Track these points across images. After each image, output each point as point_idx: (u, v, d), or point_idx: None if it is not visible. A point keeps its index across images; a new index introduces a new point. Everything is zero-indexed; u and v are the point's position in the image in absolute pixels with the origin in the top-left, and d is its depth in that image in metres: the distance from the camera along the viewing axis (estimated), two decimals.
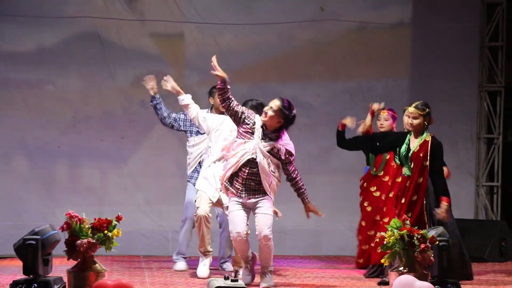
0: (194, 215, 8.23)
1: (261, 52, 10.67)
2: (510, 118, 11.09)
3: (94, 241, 6.52)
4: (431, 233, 6.87)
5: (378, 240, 6.98)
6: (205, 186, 8.08)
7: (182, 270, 8.64)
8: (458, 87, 10.76)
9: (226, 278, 6.45)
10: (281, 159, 7.37)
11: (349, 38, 10.77)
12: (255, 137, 7.30)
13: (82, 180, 10.31)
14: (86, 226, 6.55)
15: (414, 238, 6.74)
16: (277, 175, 7.40)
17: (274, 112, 7.29)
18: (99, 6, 10.36)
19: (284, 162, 7.40)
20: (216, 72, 7.35)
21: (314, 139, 10.50)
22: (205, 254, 8.23)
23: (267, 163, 7.29)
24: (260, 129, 7.33)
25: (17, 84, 10.26)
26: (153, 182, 10.50)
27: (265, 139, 7.31)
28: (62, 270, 7.07)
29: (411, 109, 7.65)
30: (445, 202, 7.33)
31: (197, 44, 10.61)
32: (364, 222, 8.55)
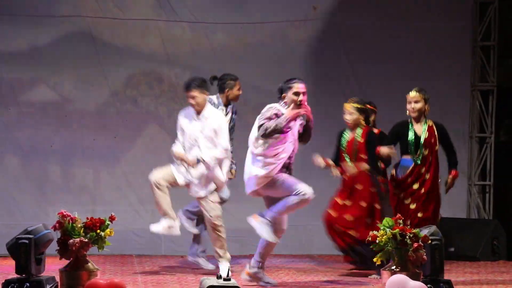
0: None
1: (254, 51, 10.68)
2: (502, 117, 11.11)
3: (86, 240, 6.52)
4: (424, 232, 6.88)
5: (370, 239, 6.97)
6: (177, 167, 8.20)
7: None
8: (450, 86, 10.78)
9: (219, 277, 6.44)
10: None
11: (341, 37, 10.78)
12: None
13: (74, 179, 10.30)
14: (79, 226, 6.55)
15: (407, 237, 6.75)
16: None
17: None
18: (92, 5, 10.36)
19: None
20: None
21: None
22: (164, 215, 8.22)
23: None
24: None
25: (9, 83, 10.24)
26: (146, 181, 10.39)
27: None
28: (54, 269, 7.06)
29: (413, 93, 7.80)
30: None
31: (190, 43, 10.61)
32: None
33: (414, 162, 8.31)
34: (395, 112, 10.69)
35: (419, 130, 8.25)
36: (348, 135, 8.35)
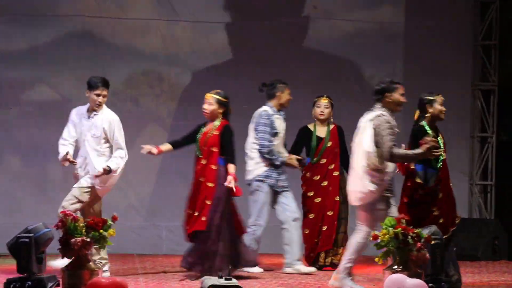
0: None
1: (254, 50, 10.69)
2: (503, 116, 11.12)
3: (88, 239, 6.52)
4: (426, 231, 6.88)
5: (372, 238, 6.97)
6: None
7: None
8: (451, 86, 10.79)
9: (220, 277, 6.46)
10: None
11: (342, 36, 10.80)
12: None
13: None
14: (81, 225, 6.56)
15: (409, 236, 6.75)
16: None
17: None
18: (92, 5, 10.38)
19: None
20: None
21: None
22: None
23: None
24: None
25: (9, 83, 10.26)
26: (146, 180, 10.51)
27: None
28: (56, 268, 7.08)
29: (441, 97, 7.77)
30: None
31: (190, 42, 10.63)
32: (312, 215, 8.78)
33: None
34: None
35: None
36: (205, 128, 8.15)
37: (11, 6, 10.22)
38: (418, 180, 7.95)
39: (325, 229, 8.77)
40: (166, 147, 8.27)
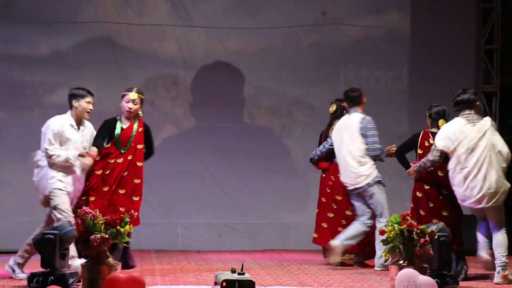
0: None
1: (266, 55, 10.69)
2: (505, 117, 11.09)
3: (107, 236, 6.53)
4: (431, 228, 6.87)
5: (378, 234, 6.96)
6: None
7: None
8: (455, 88, 10.66)
9: (233, 271, 6.44)
10: None
11: (350, 41, 10.79)
12: None
13: None
14: (100, 222, 6.57)
15: (414, 233, 6.74)
16: None
17: None
18: (111, 11, 10.40)
19: None
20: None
21: (317, 138, 10.49)
22: None
23: None
24: None
25: (33, 86, 10.30)
26: (162, 179, 10.52)
27: None
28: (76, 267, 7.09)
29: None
30: None
31: (205, 47, 10.64)
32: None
33: None
34: (398, 113, 10.74)
35: None
36: (123, 125, 8.08)
37: (35, 14, 10.25)
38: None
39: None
40: (94, 150, 7.98)
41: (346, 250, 8.52)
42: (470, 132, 7.48)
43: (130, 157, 7.98)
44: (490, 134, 7.48)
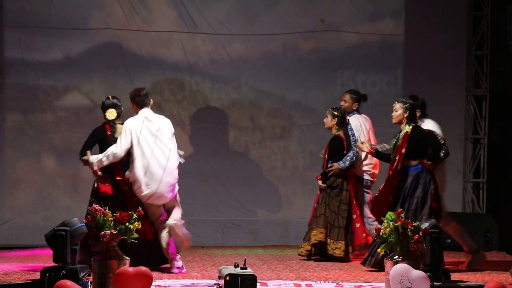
0: None
1: (266, 60, 10.69)
2: (494, 120, 11.08)
3: (116, 232, 6.52)
4: (425, 225, 6.87)
5: (374, 231, 6.96)
6: None
7: None
8: (447, 92, 10.76)
9: (236, 266, 6.43)
10: None
11: (347, 47, 10.78)
12: None
13: None
14: (109, 219, 6.56)
15: (408, 229, 6.73)
16: None
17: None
18: (120, 19, 10.40)
19: None
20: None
21: (315, 140, 10.51)
22: None
23: None
24: None
25: (45, 90, 10.30)
26: None
27: None
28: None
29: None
30: None
31: (209, 52, 10.63)
32: None
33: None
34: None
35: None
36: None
37: (48, 21, 10.24)
38: None
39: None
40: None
41: None
42: None
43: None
44: None
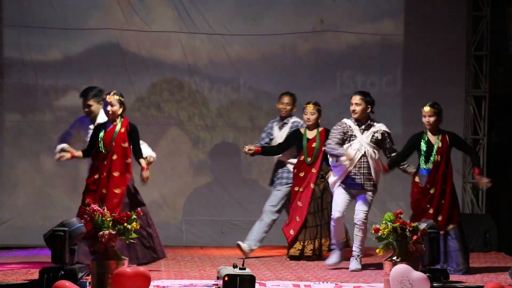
0: None
1: (266, 60, 10.69)
2: (494, 120, 11.07)
3: (114, 232, 6.51)
4: (423, 225, 6.85)
5: (373, 231, 6.94)
6: None
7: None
8: (446, 93, 10.75)
9: (235, 266, 6.43)
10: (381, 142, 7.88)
11: (346, 48, 10.78)
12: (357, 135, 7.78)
13: None
14: (108, 219, 6.55)
15: (406, 230, 6.72)
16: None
17: (359, 105, 7.81)
18: (119, 19, 10.40)
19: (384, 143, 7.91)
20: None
21: None
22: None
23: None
24: (356, 127, 7.74)
25: (45, 90, 10.30)
26: (168, 179, 10.52)
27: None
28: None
29: (427, 108, 7.97)
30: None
31: (208, 53, 10.63)
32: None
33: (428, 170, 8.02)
34: (392, 115, 10.72)
35: (433, 140, 8.07)
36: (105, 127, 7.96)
37: (47, 21, 10.24)
38: (416, 180, 7.95)
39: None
40: (78, 153, 8.00)
41: None
42: None
43: (114, 156, 7.87)
44: None
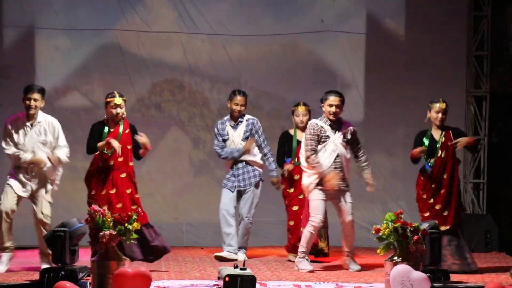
0: None
1: (266, 60, 10.69)
2: (494, 120, 11.08)
3: (115, 233, 6.51)
4: (424, 226, 6.85)
5: (374, 232, 6.94)
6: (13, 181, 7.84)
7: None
8: (447, 93, 10.68)
9: (236, 267, 6.43)
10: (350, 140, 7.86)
11: (347, 47, 10.78)
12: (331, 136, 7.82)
13: None
14: (108, 220, 6.55)
15: (407, 230, 6.72)
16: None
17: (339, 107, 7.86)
18: (120, 19, 10.41)
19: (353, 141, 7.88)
20: None
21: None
22: (2, 249, 7.73)
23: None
24: (328, 127, 7.80)
25: (46, 90, 10.26)
26: (168, 179, 10.52)
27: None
28: (87, 259, 7.08)
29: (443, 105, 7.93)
30: None
31: (208, 53, 10.64)
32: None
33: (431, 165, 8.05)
34: (397, 115, 10.73)
35: (437, 136, 8.10)
36: (110, 128, 7.98)
37: (47, 21, 10.25)
38: (420, 176, 8.01)
39: None
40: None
41: None
42: None
43: (120, 159, 7.88)
44: None
